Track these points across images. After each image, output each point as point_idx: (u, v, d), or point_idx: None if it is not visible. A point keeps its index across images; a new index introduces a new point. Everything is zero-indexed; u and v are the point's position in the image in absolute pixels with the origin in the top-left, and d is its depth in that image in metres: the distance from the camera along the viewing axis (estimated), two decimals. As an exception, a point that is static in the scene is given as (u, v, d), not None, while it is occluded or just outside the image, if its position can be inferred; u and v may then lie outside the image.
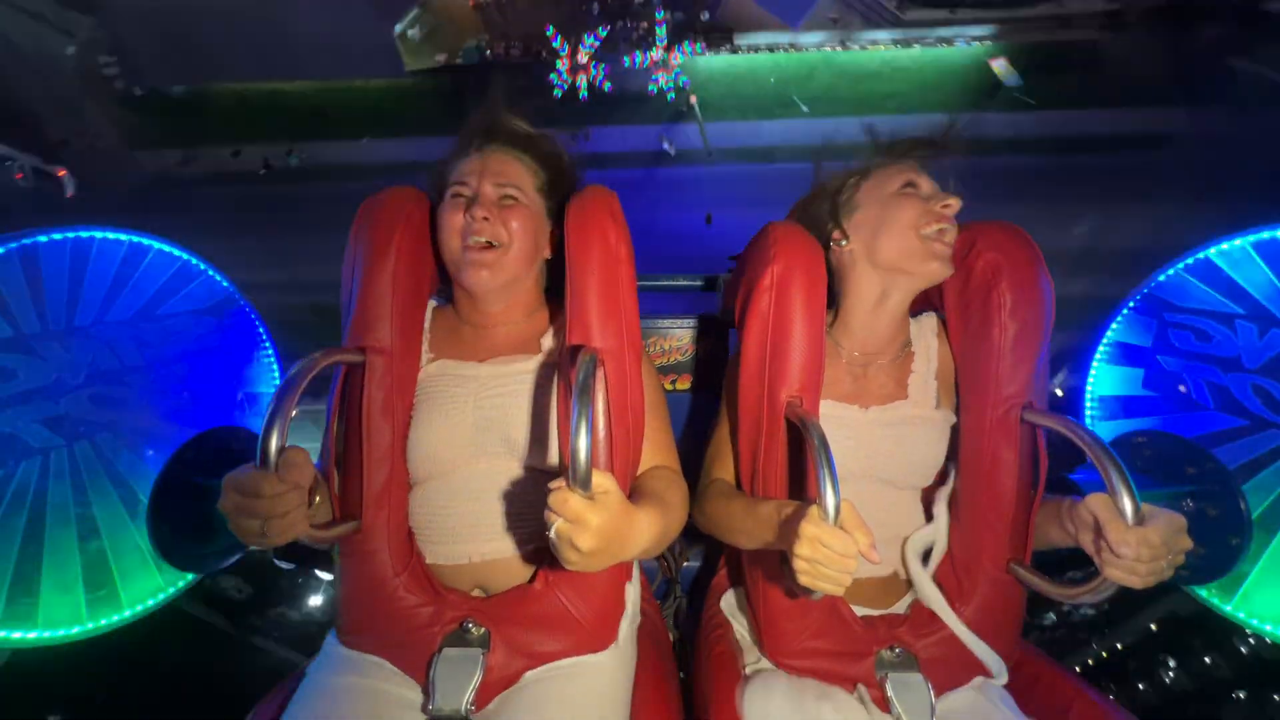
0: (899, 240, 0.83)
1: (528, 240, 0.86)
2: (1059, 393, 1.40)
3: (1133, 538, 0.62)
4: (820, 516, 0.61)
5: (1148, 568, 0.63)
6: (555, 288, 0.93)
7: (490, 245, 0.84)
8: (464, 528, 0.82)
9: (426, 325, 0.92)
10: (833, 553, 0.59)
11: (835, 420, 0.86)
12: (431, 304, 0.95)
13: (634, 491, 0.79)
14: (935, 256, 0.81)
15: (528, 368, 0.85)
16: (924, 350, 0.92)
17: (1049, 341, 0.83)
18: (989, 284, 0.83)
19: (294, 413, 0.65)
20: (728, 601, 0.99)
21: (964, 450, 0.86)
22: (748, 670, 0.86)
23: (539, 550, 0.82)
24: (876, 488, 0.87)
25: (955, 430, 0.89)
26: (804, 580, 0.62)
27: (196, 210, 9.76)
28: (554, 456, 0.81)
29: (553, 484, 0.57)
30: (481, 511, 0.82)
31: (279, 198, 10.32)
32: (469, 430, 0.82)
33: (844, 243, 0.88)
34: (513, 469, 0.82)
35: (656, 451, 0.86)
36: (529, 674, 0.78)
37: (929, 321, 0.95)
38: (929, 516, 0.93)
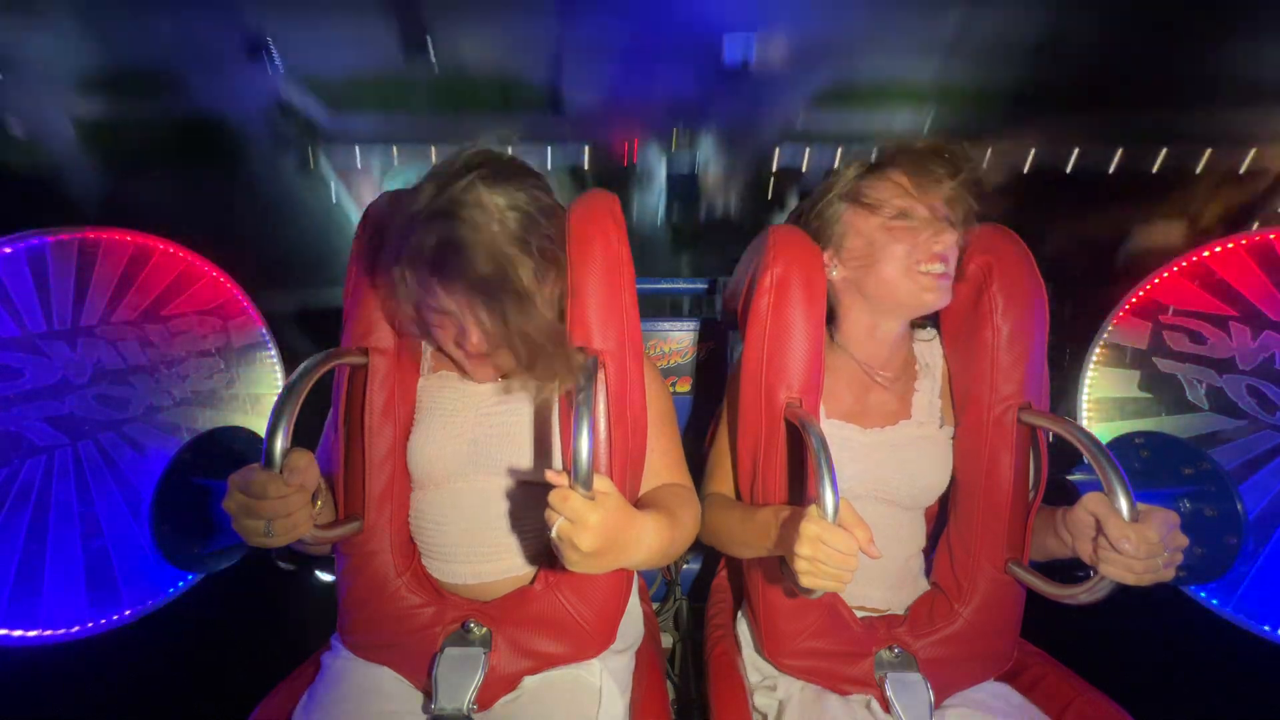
0: (888, 281, 0.81)
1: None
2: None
3: (1131, 532, 0.63)
4: (820, 515, 0.61)
5: (1145, 564, 0.64)
6: None
7: None
8: (463, 548, 0.82)
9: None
10: (834, 550, 0.60)
11: (837, 440, 0.85)
12: None
13: (645, 504, 0.78)
14: (927, 290, 0.80)
15: (528, 383, 0.84)
16: (929, 369, 0.92)
17: (1045, 342, 0.84)
18: (980, 286, 0.84)
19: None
20: (727, 602, 1.00)
21: (961, 451, 0.86)
22: (750, 678, 0.86)
23: (538, 559, 0.82)
24: (880, 508, 0.87)
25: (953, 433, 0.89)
26: (805, 581, 0.62)
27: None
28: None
29: (551, 474, 0.58)
30: (480, 531, 0.82)
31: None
32: (467, 446, 0.82)
33: (834, 272, 0.87)
34: (511, 487, 0.82)
35: (668, 468, 0.85)
36: (528, 679, 0.78)
37: (936, 343, 0.95)
38: (929, 536, 0.93)
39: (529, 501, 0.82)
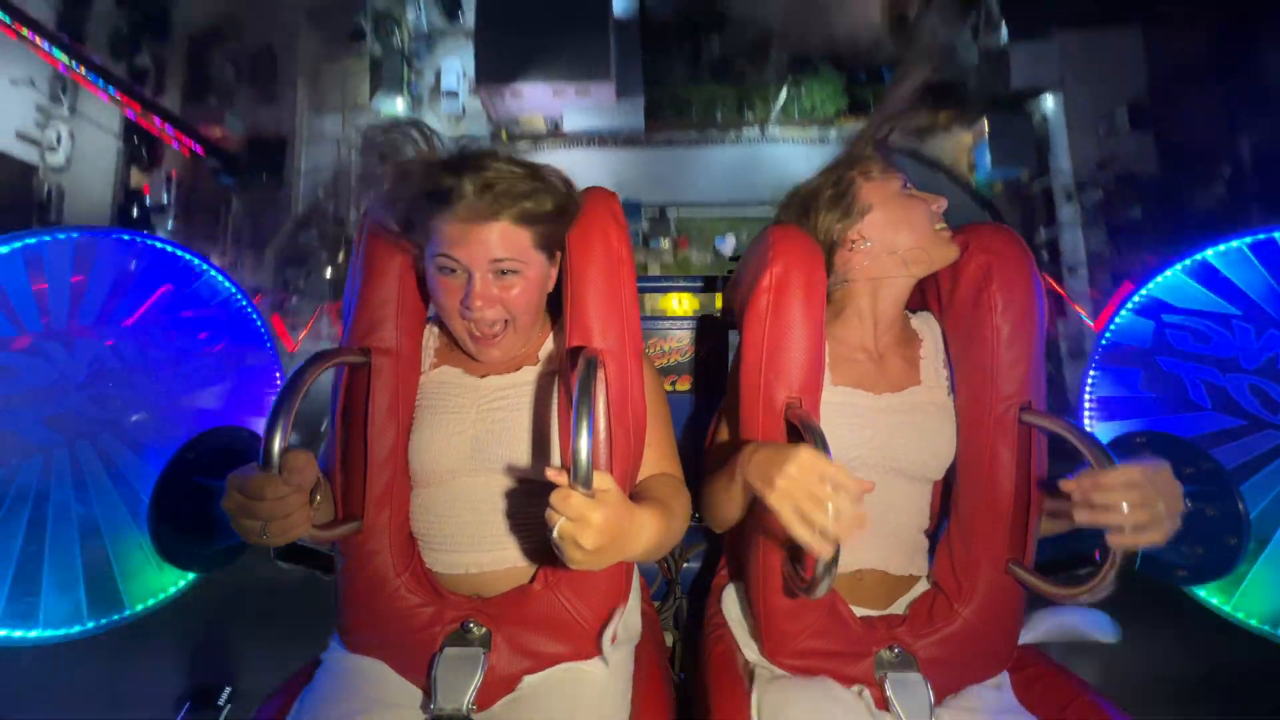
0: (919, 235, 0.87)
1: (533, 300, 0.81)
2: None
3: (1114, 477, 0.64)
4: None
5: (1136, 514, 0.64)
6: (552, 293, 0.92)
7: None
8: (463, 538, 0.83)
9: (428, 333, 0.92)
10: (827, 474, 0.60)
11: (849, 407, 0.87)
12: (431, 317, 0.94)
13: (637, 496, 0.79)
14: (948, 243, 0.89)
15: (528, 379, 0.85)
16: (930, 336, 0.94)
17: (1043, 341, 0.84)
18: (980, 286, 0.84)
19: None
20: (727, 602, 0.99)
21: (962, 451, 0.86)
22: (752, 668, 0.86)
23: (539, 554, 0.82)
24: (890, 479, 0.87)
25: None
26: (773, 497, 0.61)
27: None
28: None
29: (551, 473, 0.57)
30: (481, 523, 0.83)
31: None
32: (468, 443, 0.82)
33: (867, 244, 0.89)
34: (512, 483, 0.82)
35: (660, 459, 0.86)
36: (528, 679, 0.78)
37: (930, 316, 0.96)
38: (934, 514, 0.93)
39: (529, 497, 0.82)
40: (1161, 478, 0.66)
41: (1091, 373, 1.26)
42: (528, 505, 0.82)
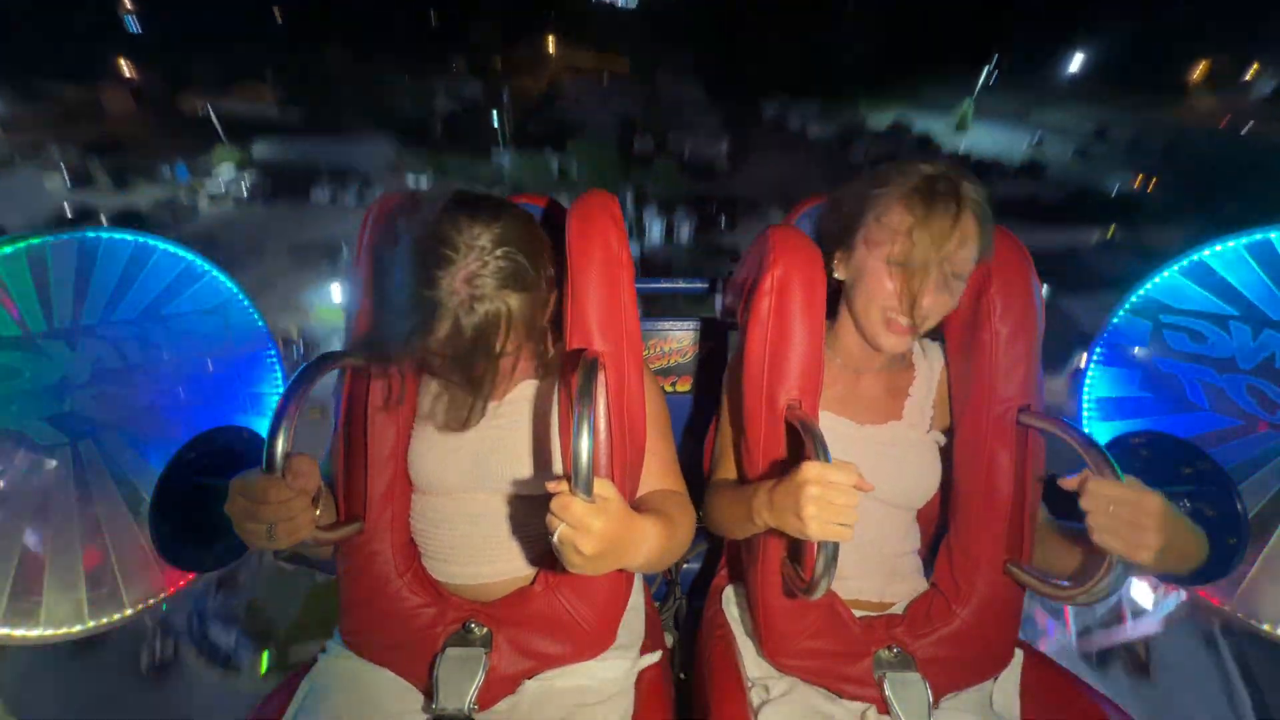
0: (859, 310, 0.83)
1: (528, 350, 0.78)
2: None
3: (1103, 487, 0.65)
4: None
5: (1119, 525, 0.64)
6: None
7: None
8: (462, 551, 0.83)
9: None
10: (837, 482, 0.62)
11: (831, 433, 0.84)
12: None
13: (641, 509, 0.78)
14: (884, 334, 0.80)
15: (526, 394, 0.85)
16: (925, 372, 0.92)
17: (1041, 343, 0.84)
18: (979, 289, 0.84)
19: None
20: (727, 602, 1.00)
21: (960, 453, 0.86)
22: (749, 677, 0.87)
23: (539, 561, 0.83)
24: (876, 507, 0.87)
25: (950, 436, 0.89)
26: (814, 527, 0.63)
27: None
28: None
29: (552, 485, 0.58)
30: (480, 537, 0.83)
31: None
32: (468, 460, 0.81)
33: (838, 274, 0.86)
34: (513, 497, 0.82)
35: (662, 472, 0.85)
36: (529, 682, 0.78)
37: (935, 347, 0.95)
38: (926, 537, 0.93)
39: (530, 510, 0.82)
40: (1147, 502, 0.64)
41: (1089, 373, 1.27)
42: (528, 519, 0.82)
